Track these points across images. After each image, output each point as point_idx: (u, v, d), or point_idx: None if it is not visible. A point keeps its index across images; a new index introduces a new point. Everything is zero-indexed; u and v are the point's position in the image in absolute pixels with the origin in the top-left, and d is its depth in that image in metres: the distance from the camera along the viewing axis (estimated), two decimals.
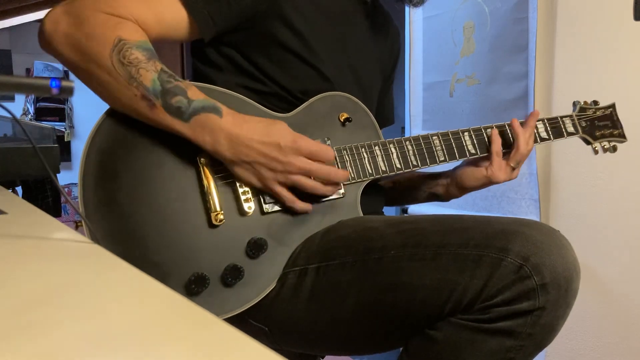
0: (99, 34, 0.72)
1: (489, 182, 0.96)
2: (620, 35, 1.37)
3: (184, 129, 0.74)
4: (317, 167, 0.78)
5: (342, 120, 0.89)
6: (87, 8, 0.74)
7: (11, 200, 0.76)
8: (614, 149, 1.09)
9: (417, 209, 1.93)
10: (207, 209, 0.77)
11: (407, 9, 1.72)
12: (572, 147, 1.46)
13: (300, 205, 0.80)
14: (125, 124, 0.77)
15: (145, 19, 0.77)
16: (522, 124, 0.97)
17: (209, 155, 0.77)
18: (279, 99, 0.87)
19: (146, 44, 0.75)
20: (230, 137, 0.74)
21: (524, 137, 0.95)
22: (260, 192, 0.80)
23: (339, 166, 0.85)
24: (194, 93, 0.75)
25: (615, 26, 1.38)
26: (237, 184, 0.79)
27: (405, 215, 1.87)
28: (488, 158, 0.95)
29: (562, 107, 1.42)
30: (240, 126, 0.75)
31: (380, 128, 1.14)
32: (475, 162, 0.97)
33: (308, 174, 0.78)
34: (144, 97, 0.72)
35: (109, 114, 0.77)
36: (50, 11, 0.75)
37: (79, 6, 0.74)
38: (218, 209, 0.76)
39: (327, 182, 0.80)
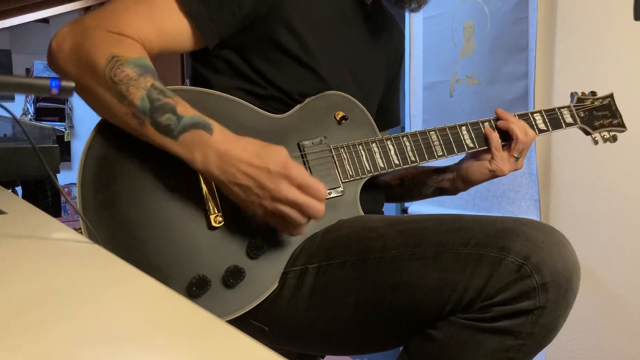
0: (96, 51, 0.73)
1: (494, 176, 0.96)
2: (621, 35, 1.37)
3: (174, 146, 0.72)
4: (306, 202, 0.72)
5: (338, 119, 0.89)
6: (90, 27, 0.75)
7: (11, 200, 0.76)
8: (614, 138, 1.08)
9: (418, 209, 1.93)
10: (206, 211, 0.77)
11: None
12: (572, 147, 1.46)
13: (283, 232, 0.78)
14: (121, 130, 0.76)
15: (146, 34, 0.77)
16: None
17: None
18: (277, 101, 0.87)
19: (140, 60, 0.73)
20: (219, 155, 0.71)
21: (519, 128, 0.94)
22: None
23: (337, 164, 0.86)
24: (185, 109, 0.72)
25: (615, 26, 1.38)
26: None
27: (406, 215, 1.87)
28: (489, 151, 0.95)
29: None
30: (231, 144, 0.72)
31: (387, 129, 1.14)
32: (478, 156, 0.97)
33: (296, 207, 0.72)
34: (134, 115, 0.72)
35: (105, 120, 0.77)
36: (58, 31, 0.76)
37: (83, 25, 0.76)
38: (217, 210, 0.76)
39: (310, 217, 0.74)
